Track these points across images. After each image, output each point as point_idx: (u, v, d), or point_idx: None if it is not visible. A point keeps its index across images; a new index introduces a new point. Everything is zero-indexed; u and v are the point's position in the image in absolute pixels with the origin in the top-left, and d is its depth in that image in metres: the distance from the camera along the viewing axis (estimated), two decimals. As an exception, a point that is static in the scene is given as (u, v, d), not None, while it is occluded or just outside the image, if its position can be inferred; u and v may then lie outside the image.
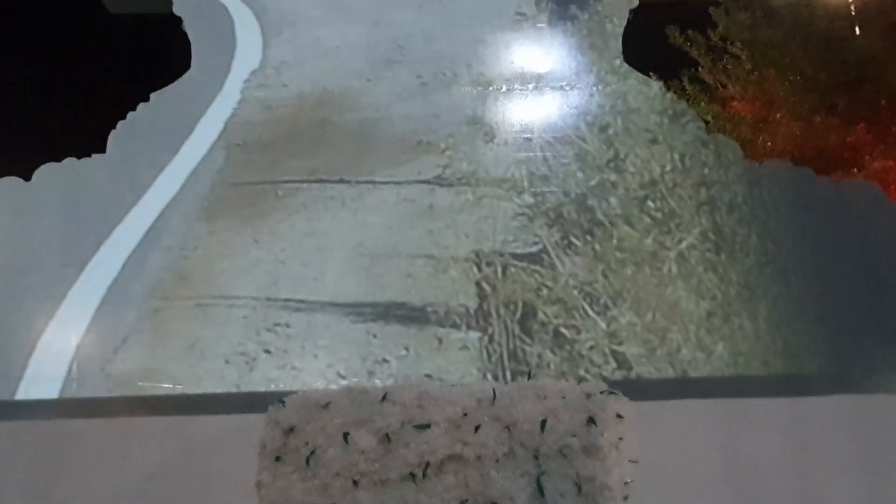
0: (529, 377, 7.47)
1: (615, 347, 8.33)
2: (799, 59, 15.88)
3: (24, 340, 8.24)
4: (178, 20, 10.01)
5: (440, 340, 8.25)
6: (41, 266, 8.62)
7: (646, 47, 11.00)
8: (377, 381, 7.78)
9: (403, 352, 8.19)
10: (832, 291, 8.74)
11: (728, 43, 17.01)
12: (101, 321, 8.35)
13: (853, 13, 15.75)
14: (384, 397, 4.40)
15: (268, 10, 9.95)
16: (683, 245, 8.84)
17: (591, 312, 8.50)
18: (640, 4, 10.06)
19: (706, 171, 9.19)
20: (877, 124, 15.41)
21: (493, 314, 8.43)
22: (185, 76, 9.60)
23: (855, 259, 8.89)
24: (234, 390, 7.99)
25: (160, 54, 10.53)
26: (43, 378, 8.15)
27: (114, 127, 9.31)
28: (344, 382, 7.79)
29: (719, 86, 17.13)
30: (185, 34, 9.96)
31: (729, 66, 16.93)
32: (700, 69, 17.78)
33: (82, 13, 11.03)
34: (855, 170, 15.31)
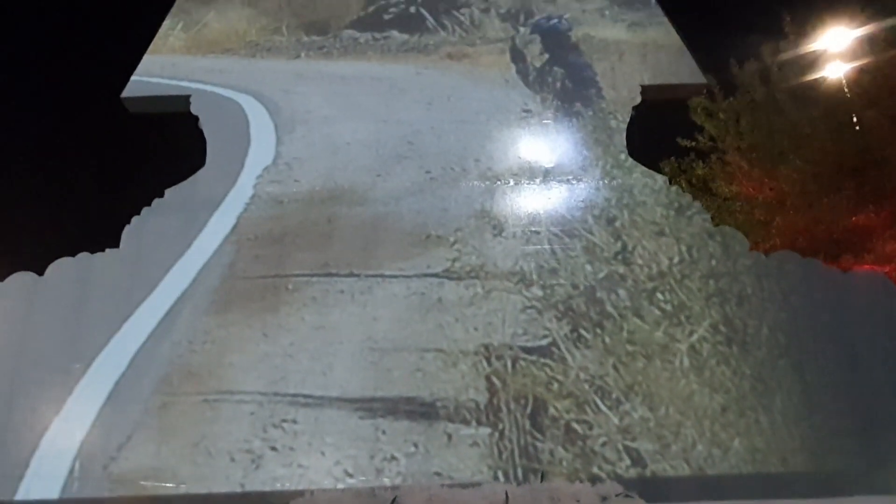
0: (542, 478, 7.28)
1: (628, 443, 8.15)
2: (803, 146, 16.12)
3: (28, 437, 8.14)
4: (195, 118, 10.34)
5: (450, 437, 8.10)
6: (50, 361, 8.61)
7: (650, 142, 11.26)
8: (385, 479, 7.58)
9: (412, 448, 8.03)
10: (849, 384, 8.60)
11: (731, 133, 17.35)
12: (106, 417, 8.26)
13: (853, 100, 16.09)
14: (393, 501, 4.29)
15: (281, 108, 10.27)
16: (694, 337, 8.77)
17: (602, 407, 8.37)
18: (642, 101, 10.36)
19: (714, 262, 9.22)
20: (884, 208, 15.50)
21: (504, 409, 8.31)
22: (199, 172, 9.83)
23: (869, 351, 8.79)
24: (238, 490, 7.81)
25: (176, 151, 10.84)
26: (45, 476, 8.00)
27: (128, 222, 9.48)
28: (351, 481, 7.60)
29: (729, 171, 17.37)
30: (200, 132, 10.26)
31: (736, 154, 17.20)
32: (707, 160, 18.07)
33: (102, 111, 11.43)
34: (865, 253, 15.30)
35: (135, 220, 9.49)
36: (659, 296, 9.00)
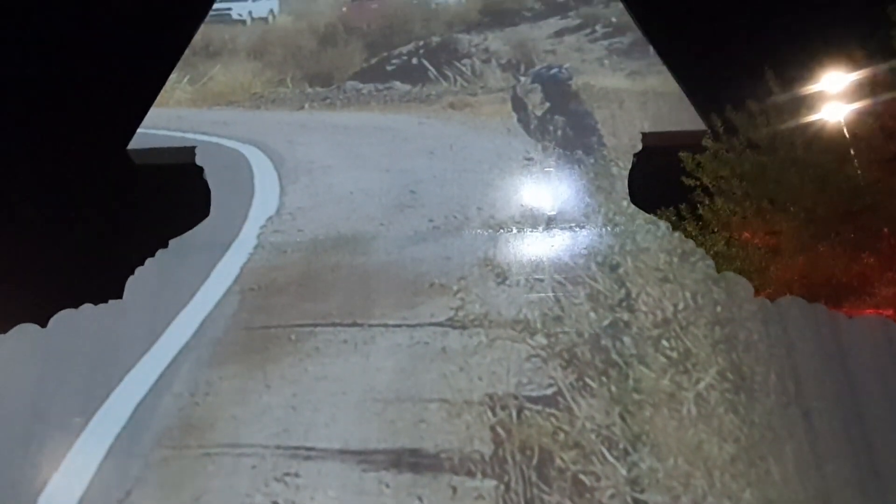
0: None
1: (637, 495, 7.99)
2: (797, 191, 16.13)
3: (26, 494, 8.00)
4: (200, 170, 10.44)
5: (454, 489, 7.96)
6: (50, 414, 8.52)
7: (651, 188, 11.30)
8: (389, 535, 7.44)
9: (417, 502, 7.89)
10: (859, 431, 8.46)
11: (724, 180, 17.37)
12: (106, 472, 8.14)
13: (846, 144, 16.15)
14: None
15: (285, 159, 10.39)
16: (702, 385, 8.67)
17: (609, 458, 8.23)
18: (643, 148, 10.45)
19: (719, 309, 9.17)
20: (881, 252, 15.43)
21: (509, 461, 8.17)
22: (204, 223, 9.88)
23: (878, 396, 8.67)
24: (240, 546, 7.65)
25: (181, 202, 10.90)
26: (44, 533, 7.86)
27: (132, 273, 9.49)
28: (355, 536, 7.45)
29: (724, 218, 17.36)
30: (205, 182, 10.36)
31: (730, 202, 17.21)
32: (704, 206, 18.08)
33: (107, 162, 11.56)
34: (867, 297, 15.19)
35: (138, 270, 9.50)
36: (664, 343, 8.93)
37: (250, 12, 18.70)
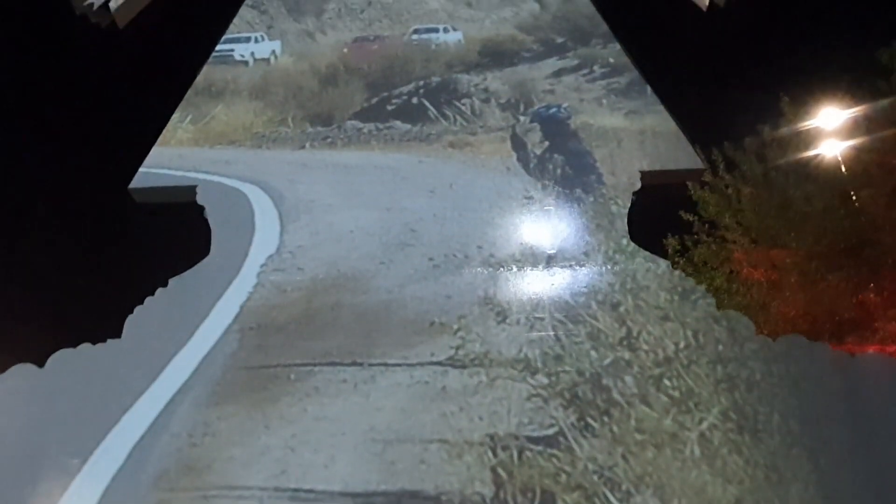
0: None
1: (641, 538, 7.86)
2: (798, 226, 16.14)
3: (21, 537, 7.87)
4: (201, 208, 10.47)
5: (456, 532, 7.83)
6: (47, 456, 8.41)
7: (651, 226, 11.33)
8: (389, 581, 7.30)
9: (417, 545, 7.76)
10: (864, 471, 8.35)
11: (726, 217, 17.40)
12: (101, 516, 8.01)
13: (845, 180, 16.22)
14: None
15: (286, 197, 10.45)
16: (704, 425, 8.58)
17: (612, 499, 8.10)
18: (642, 186, 10.49)
19: (721, 347, 9.12)
20: (884, 288, 15.38)
21: (510, 502, 8.05)
22: (204, 261, 9.87)
23: (883, 435, 8.57)
24: (237, 592, 7.50)
25: (181, 241, 10.91)
26: (36, 579, 7.70)
27: (131, 312, 9.45)
28: (354, 582, 7.31)
29: (724, 254, 17.36)
30: (206, 221, 10.38)
31: (733, 234, 17.23)
32: (704, 243, 18.07)
33: (108, 201, 11.63)
34: (870, 334, 15.10)
35: (138, 310, 9.46)
36: (666, 382, 8.86)
37: (252, 53, 18.98)
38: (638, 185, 10.49)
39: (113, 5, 13.42)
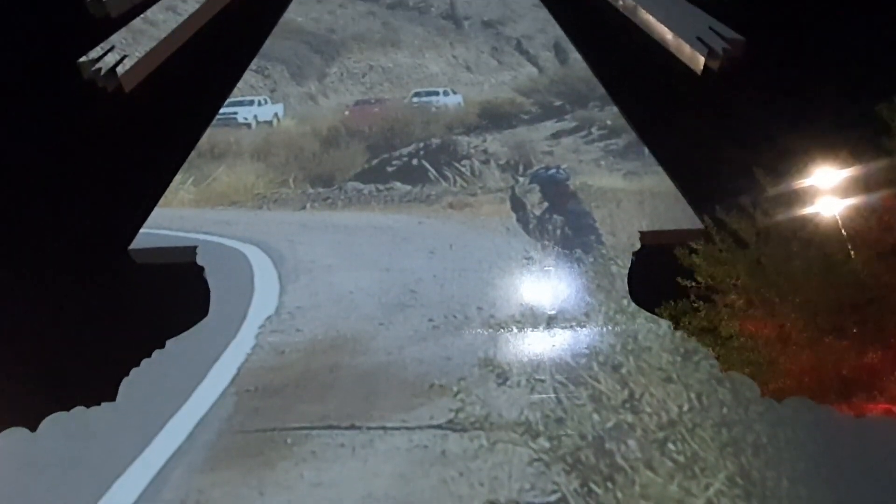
0: None
1: None
2: (801, 284, 16.23)
3: None
4: (200, 269, 10.47)
5: None
6: (35, 523, 8.20)
7: (652, 286, 11.33)
8: None
9: None
10: (878, 540, 8.10)
11: (727, 275, 17.50)
12: (90, 587, 7.75)
13: (845, 234, 16.37)
14: None
15: (286, 258, 10.45)
16: (711, 491, 8.36)
17: (618, 569, 7.86)
18: (642, 247, 10.50)
19: (725, 410, 8.96)
20: (890, 347, 15.36)
21: (513, 573, 7.80)
22: (202, 323, 9.79)
23: (894, 501, 8.35)
24: None
25: (180, 301, 10.88)
26: None
27: (127, 374, 9.34)
28: None
29: (727, 313, 17.38)
30: (205, 281, 10.36)
31: (733, 293, 17.29)
32: (705, 302, 18.13)
33: (108, 262, 11.68)
34: (878, 393, 15.01)
35: (134, 372, 9.32)
36: (671, 446, 8.68)
37: (255, 116, 19.27)
38: (638, 246, 10.48)
39: (120, 70, 13.71)
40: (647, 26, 15.34)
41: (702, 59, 14.00)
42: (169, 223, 11.01)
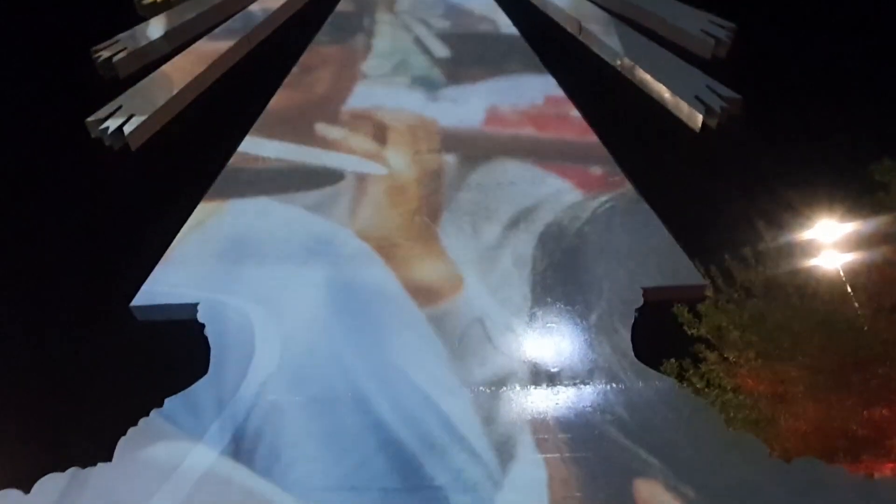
0: None
1: None
2: (804, 340, 15.97)
3: None
4: (201, 326, 10.39)
5: None
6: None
7: (655, 342, 11.23)
8: None
9: None
10: None
11: (729, 331, 17.28)
12: None
13: (849, 290, 16.17)
14: None
15: (288, 316, 10.33)
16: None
17: None
18: (644, 303, 10.43)
19: (732, 471, 8.76)
20: (895, 403, 15.02)
21: None
22: (200, 381, 9.70)
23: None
24: None
25: (179, 358, 10.80)
26: None
27: (124, 433, 9.20)
28: None
29: (729, 368, 17.10)
30: (206, 339, 10.27)
31: (735, 351, 17.05)
32: (708, 359, 17.86)
33: (107, 319, 11.62)
34: (886, 452, 14.64)
35: (131, 431, 9.22)
36: (678, 508, 8.47)
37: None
38: (640, 302, 10.43)
39: (127, 129, 13.96)
40: (645, 85, 15.67)
41: (700, 117, 14.17)
42: (171, 279, 10.93)
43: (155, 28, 15.81)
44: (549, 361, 9.80)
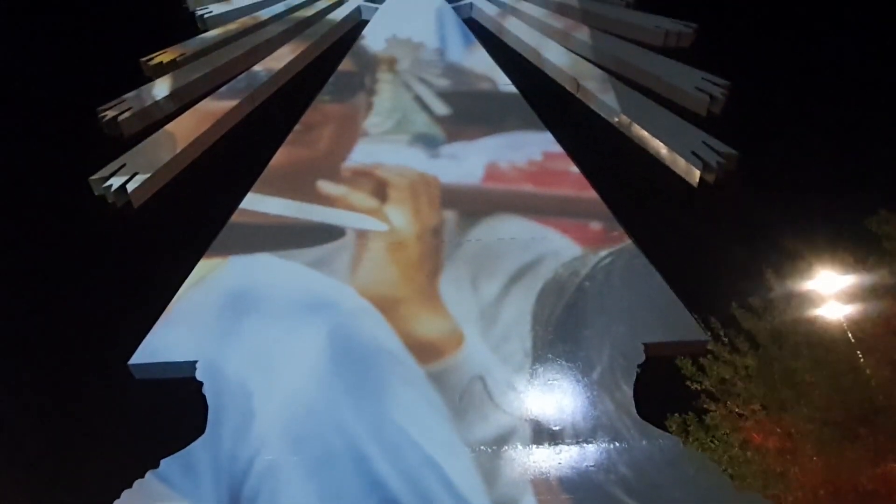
0: None
1: None
2: (810, 392, 15.71)
3: None
4: (200, 384, 10.29)
5: None
6: None
7: (658, 398, 11.07)
8: None
9: None
10: None
11: (734, 383, 17.04)
12: None
13: (853, 341, 16.00)
14: None
15: (287, 379, 10.22)
16: None
17: None
18: (647, 359, 10.35)
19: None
20: (903, 457, 14.70)
21: None
22: (198, 441, 9.55)
23: None
24: None
25: (177, 417, 10.65)
26: None
27: (118, 496, 9.02)
28: None
29: (734, 422, 16.79)
30: (204, 397, 10.15)
31: (740, 404, 16.76)
32: (713, 412, 17.58)
33: (106, 378, 11.56)
34: (895, 505, 14.29)
35: (125, 494, 9.04)
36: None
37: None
38: (643, 358, 10.35)
39: (130, 186, 14.11)
40: (642, 141, 15.78)
41: (697, 173, 14.23)
42: (170, 337, 10.87)
43: (161, 88, 16.15)
44: (552, 419, 9.66)
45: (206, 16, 18.13)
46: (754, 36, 17.10)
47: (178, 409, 11.02)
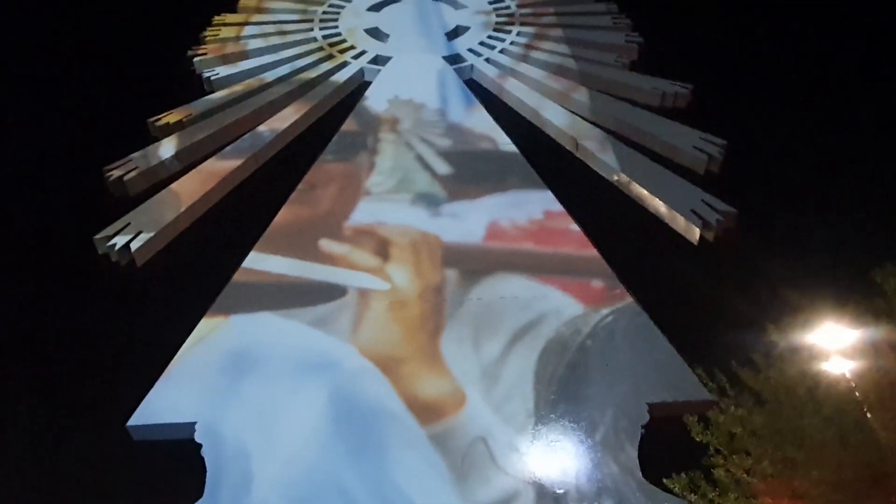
0: None
1: None
2: (818, 453, 15.38)
3: None
4: (199, 446, 10.17)
5: None
6: None
7: (663, 458, 10.89)
8: None
9: None
10: None
11: (741, 439, 16.70)
12: None
13: (858, 397, 15.74)
14: None
15: (287, 432, 10.12)
16: None
17: None
18: (651, 419, 10.24)
19: None
20: (924, 519, 14.33)
21: None
22: (198, 503, 9.40)
23: None
24: None
25: (175, 480, 10.47)
26: None
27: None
28: None
29: (743, 480, 16.41)
30: (202, 459, 10.02)
31: (747, 465, 16.42)
32: (720, 467, 17.19)
33: (104, 439, 11.45)
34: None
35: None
36: None
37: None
38: (647, 418, 10.25)
39: (134, 245, 14.19)
40: (641, 200, 15.93)
41: (697, 231, 14.31)
42: (169, 398, 10.78)
43: (166, 148, 16.38)
44: (555, 482, 9.50)
45: (212, 77, 18.50)
46: (751, 95, 17.40)
47: (176, 470, 10.85)
